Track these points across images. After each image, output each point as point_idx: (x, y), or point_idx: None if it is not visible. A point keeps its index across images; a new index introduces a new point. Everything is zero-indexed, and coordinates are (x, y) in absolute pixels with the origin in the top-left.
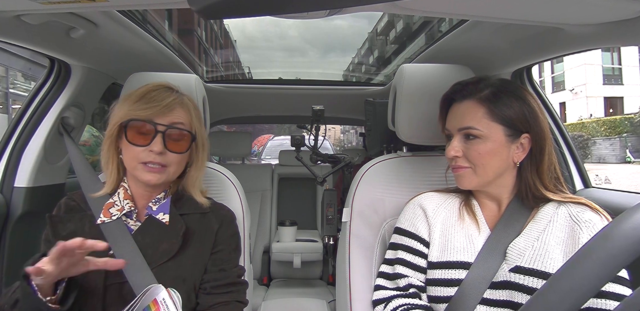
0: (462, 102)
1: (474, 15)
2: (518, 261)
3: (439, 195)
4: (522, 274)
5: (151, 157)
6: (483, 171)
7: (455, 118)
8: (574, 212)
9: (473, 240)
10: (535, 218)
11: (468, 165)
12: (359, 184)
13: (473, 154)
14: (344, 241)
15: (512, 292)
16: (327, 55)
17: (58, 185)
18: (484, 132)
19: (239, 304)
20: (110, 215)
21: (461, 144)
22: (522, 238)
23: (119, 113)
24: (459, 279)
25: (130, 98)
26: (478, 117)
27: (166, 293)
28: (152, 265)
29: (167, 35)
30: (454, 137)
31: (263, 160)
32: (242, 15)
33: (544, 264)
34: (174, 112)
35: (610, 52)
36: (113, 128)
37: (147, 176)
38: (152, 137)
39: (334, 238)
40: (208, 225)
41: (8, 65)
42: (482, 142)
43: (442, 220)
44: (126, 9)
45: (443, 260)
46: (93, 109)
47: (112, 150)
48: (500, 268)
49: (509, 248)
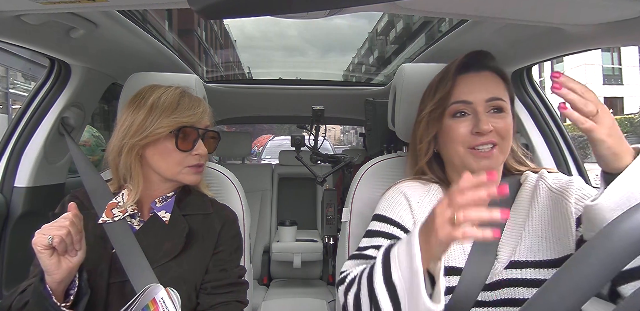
0: (481, 72)
1: (474, 15)
2: (511, 257)
3: (420, 185)
4: (517, 268)
5: (196, 159)
6: (507, 148)
7: (476, 89)
8: (551, 182)
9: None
10: (517, 202)
11: (497, 140)
12: (358, 184)
13: (504, 127)
14: (344, 241)
15: (511, 289)
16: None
17: (58, 185)
18: (507, 104)
19: (239, 304)
20: (112, 215)
21: (490, 118)
22: (508, 232)
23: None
24: (451, 287)
25: (162, 106)
26: (501, 89)
27: (165, 293)
28: (154, 265)
29: (167, 35)
30: (478, 109)
31: (263, 160)
32: (242, 15)
33: (537, 253)
34: (205, 116)
35: (610, 52)
36: (155, 136)
37: (193, 178)
38: (193, 141)
39: (334, 238)
40: (211, 226)
41: (8, 65)
42: (507, 116)
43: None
44: (126, 9)
45: None
46: (93, 109)
47: (136, 158)
48: (493, 268)
49: (499, 247)
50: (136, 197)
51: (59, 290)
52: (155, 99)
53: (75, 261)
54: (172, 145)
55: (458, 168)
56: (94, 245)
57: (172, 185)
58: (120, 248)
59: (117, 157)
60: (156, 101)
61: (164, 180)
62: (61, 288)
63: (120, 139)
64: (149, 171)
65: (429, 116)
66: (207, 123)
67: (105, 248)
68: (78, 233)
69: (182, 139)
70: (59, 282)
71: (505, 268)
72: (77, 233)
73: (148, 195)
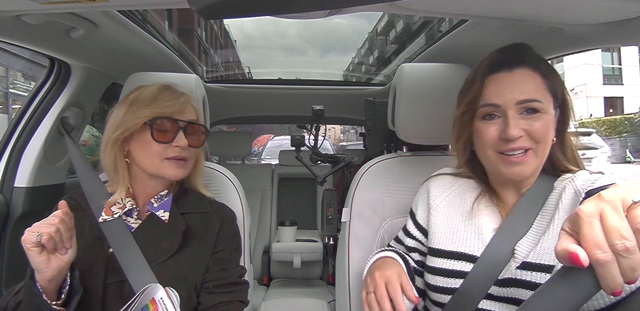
0: (514, 70)
1: (474, 15)
2: (525, 258)
3: (450, 177)
4: (529, 270)
5: (176, 151)
6: (544, 151)
7: (508, 90)
8: (579, 184)
9: (482, 232)
10: (545, 206)
11: (529, 145)
12: (358, 184)
13: (539, 131)
14: (344, 241)
15: (518, 289)
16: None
17: (58, 185)
18: (544, 105)
19: (240, 304)
20: (111, 212)
21: (521, 121)
22: (531, 234)
23: (136, 114)
24: (464, 271)
25: (141, 100)
26: (538, 88)
27: (164, 292)
28: (152, 264)
29: (167, 35)
30: (508, 113)
31: (263, 160)
32: (242, 15)
33: (551, 257)
34: (187, 109)
35: (610, 52)
36: (132, 129)
37: (173, 171)
38: (174, 134)
39: (334, 238)
40: (209, 225)
41: (8, 65)
42: (544, 116)
43: (447, 205)
44: (126, 9)
45: (447, 248)
46: (93, 109)
47: (120, 154)
48: (507, 265)
49: (517, 245)
50: (124, 189)
51: (50, 288)
52: (136, 95)
53: (65, 259)
54: (150, 137)
55: (491, 171)
56: (91, 246)
57: (161, 182)
58: (118, 247)
59: (104, 154)
60: (137, 96)
61: (149, 176)
62: (52, 286)
63: (106, 136)
64: (135, 167)
65: (461, 118)
66: (190, 117)
67: (103, 248)
68: (68, 231)
69: (159, 130)
70: (50, 280)
71: (517, 268)
72: (67, 231)
73: (141, 192)
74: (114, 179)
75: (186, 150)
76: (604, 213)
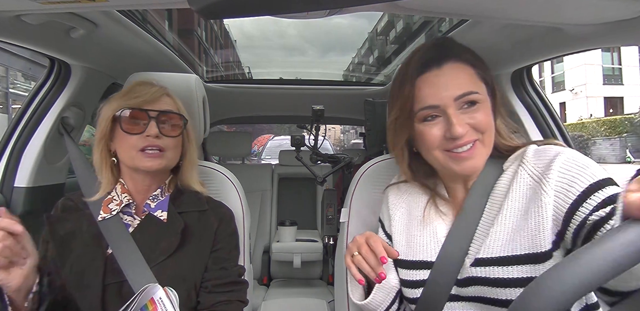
0: (442, 66)
1: (474, 15)
2: (477, 254)
3: (403, 185)
4: (481, 266)
5: (148, 141)
6: (490, 139)
7: (442, 88)
8: (530, 167)
9: (437, 235)
10: (493, 193)
11: (476, 136)
12: (357, 184)
13: (482, 121)
14: (342, 241)
15: (480, 287)
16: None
17: (58, 185)
18: (481, 95)
19: (240, 303)
20: (109, 210)
21: (462, 116)
22: (481, 227)
23: (108, 109)
24: (422, 280)
25: (117, 95)
26: (473, 79)
27: (163, 292)
28: (151, 263)
29: (167, 35)
30: (448, 111)
31: (263, 160)
32: (242, 15)
33: (502, 249)
34: (161, 100)
35: (610, 52)
36: (105, 125)
37: (148, 162)
38: (146, 124)
39: (334, 238)
40: (207, 223)
41: (8, 65)
42: (483, 106)
43: (403, 213)
44: (126, 9)
45: (407, 258)
46: (93, 109)
47: (105, 152)
48: (464, 265)
49: (472, 242)
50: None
51: (20, 297)
52: (117, 93)
53: (27, 267)
54: (122, 130)
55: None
56: (90, 245)
57: (146, 176)
58: (117, 247)
59: (94, 154)
60: (114, 94)
61: (132, 170)
62: (22, 294)
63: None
64: (123, 165)
65: (395, 123)
66: (166, 107)
67: (101, 248)
68: (19, 241)
69: (128, 121)
70: (17, 290)
71: (472, 265)
72: (18, 242)
73: (134, 188)
74: (100, 177)
75: (161, 139)
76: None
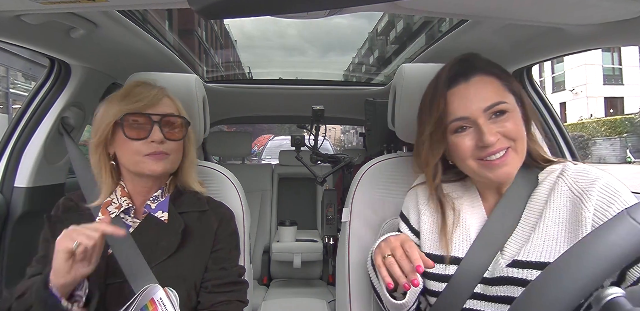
0: (470, 80)
1: (474, 15)
2: (515, 256)
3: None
4: (520, 268)
5: (153, 147)
6: (522, 146)
7: (470, 101)
8: (571, 181)
9: (469, 233)
10: (532, 200)
11: (508, 144)
12: (358, 184)
13: (512, 129)
14: (344, 241)
15: (512, 287)
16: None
17: (58, 185)
18: (510, 104)
19: (240, 303)
20: (108, 213)
21: (493, 125)
22: (520, 231)
23: (108, 114)
24: (448, 275)
25: (114, 98)
26: (500, 90)
27: (163, 293)
28: (152, 264)
29: (167, 35)
30: (479, 121)
31: (263, 160)
32: (242, 15)
33: (543, 254)
34: (162, 102)
35: (611, 52)
36: (106, 130)
37: (152, 166)
38: (149, 129)
39: (334, 238)
40: (207, 223)
41: (8, 65)
42: (512, 115)
43: (435, 207)
44: (126, 9)
45: (435, 253)
46: (93, 109)
47: (104, 157)
48: (496, 263)
49: (507, 243)
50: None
51: (61, 294)
52: (112, 94)
53: (84, 272)
54: (123, 135)
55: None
56: None
57: (149, 179)
58: (117, 248)
59: (91, 158)
60: (111, 96)
61: (134, 174)
62: (63, 292)
63: (90, 141)
64: (124, 169)
65: (431, 139)
66: (167, 109)
67: (102, 249)
68: (100, 248)
69: (131, 127)
70: (63, 286)
71: (508, 265)
72: (100, 248)
73: (135, 191)
74: (100, 182)
75: (165, 144)
76: None
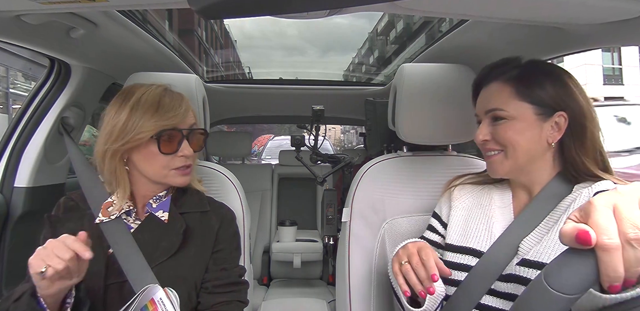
0: (489, 84)
1: (474, 15)
2: (525, 255)
3: (470, 186)
4: (527, 267)
5: (182, 161)
6: (513, 153)
7: (482, 102)
8: (595, 190)
9: (492, 229)
10: (557, 208)
11: (498, 147)
12: (358, 184)
13: (501, 135)
14: (344, 241)
15: (517, 285)
16: (327, 54)
17: (58, 185)
18: (510, 112)
19: (240, 304)
20: (108, 214)
21: (489, 127)
22: (536, 232)
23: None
24: (468, 265)
25: (142, 107)
26: (504, 98)
27: (163, 293)
28: (152, 264)
29: (167, 35)
30: (482, 121)
31: (263, 160)
32: (242, 15)
33: (550, 257)
34: (188, 115)
35: (611, 52)
36: (136, 142)
37: (181, 179)
38: (178, 143)
39: (334, 238)
40: (208, 224)
41: (8, 65)
42: (510, 122)
43: (468, 206)
44: (126, 9)
45: (459, 244)
46: (93, 109)
47: (121, 164)
48: (511, 262)
49: (522, 243)
50: (124, 201)
51: (51, 303)
52: (135, 100)
53: (68, 284)
54: (156, 149)
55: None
56: (91, 246)
57: (162, 186)
58: (118, 248)
59: (102, 162)
60: (136, 102)
61: (152, 182)
62: (54, 300)
63: (103, 144)
64: (138, 174)
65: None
66: (191, 122)
67: (103, 249)
68: (81, 264)
69: (165, 142)
70: (51, 296)
71: (517, 264)
72: (79, 264)
73: (140, 194)
74: (114, 185)
75: (190, 157)
76: (618, 204)
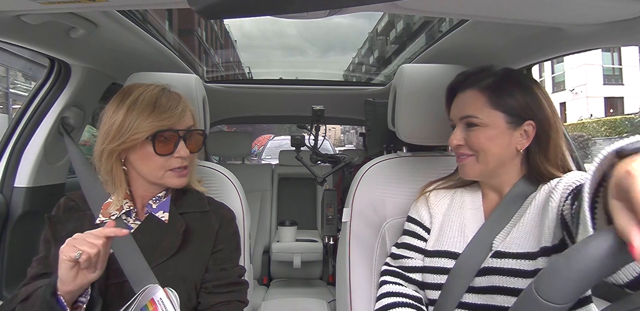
0: (465, 91)
1: (474, 15)
2: (497, 247)
3: (445, 190)
4: (498, 258)
5: (179, 162)
6: (484, 158)
7: (457, 108)
8: (554, 182)
9: (465, 230)
10: (523, 205)
11: (471, 152)
12: (359, 184)
13: (474, 141)
14: (344, 241)
15: (492, 277)
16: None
17: (58, 185)
18: (484, 120)
19: (240, 304)
20: (109, 214)
21: (463, 133)
22: (506, 228)
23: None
24: (447, 268)
25: (138, 107)
26: (479, 106)
27: (163, 293)
28: (152, 264)
29: (167, 35)
30: (457, 126)
31: (263, 160)
32: (242, 15)
33: (520, 246)
34: (186, 115)
35: (611, 52)
36: (132, 142)
37: (177, 181)
38: (174, 144)
39: (334, 238)
40: (208, 224)
41: (8, 65)
42: (483, 129)
43: (443, 211)
44: (126, 9)
45: (436, 249)
46: (93, 109)
47: (117, 164)
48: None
49: (495, 239)
50: (122, 201)
51: (68, 299)
52: (132, 100)
53: (91, 278)
54: (152, 150)
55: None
56: None
57: (161, 187)
58: (118, 248)
59: (99, 162)
60: (133, 102)
61: (150, 182)
62: (69, 298)
63: (101, 144)
64: (135, 174)
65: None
66: (189, 123)
67: (108, 254)
68: (106, 253)
69: (161, 143)
70: (69, 292)
71: (490, 257)
72: (105, 254)
73: (139, 194)
74: (110, 185)
75: (187, 158)
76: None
